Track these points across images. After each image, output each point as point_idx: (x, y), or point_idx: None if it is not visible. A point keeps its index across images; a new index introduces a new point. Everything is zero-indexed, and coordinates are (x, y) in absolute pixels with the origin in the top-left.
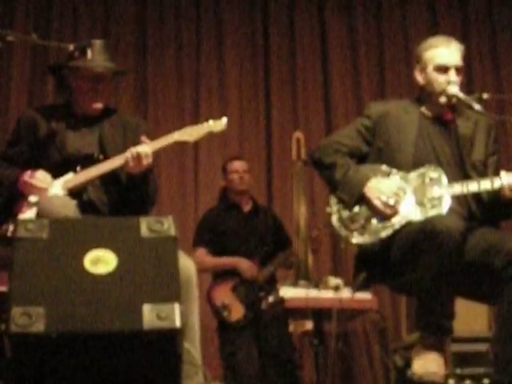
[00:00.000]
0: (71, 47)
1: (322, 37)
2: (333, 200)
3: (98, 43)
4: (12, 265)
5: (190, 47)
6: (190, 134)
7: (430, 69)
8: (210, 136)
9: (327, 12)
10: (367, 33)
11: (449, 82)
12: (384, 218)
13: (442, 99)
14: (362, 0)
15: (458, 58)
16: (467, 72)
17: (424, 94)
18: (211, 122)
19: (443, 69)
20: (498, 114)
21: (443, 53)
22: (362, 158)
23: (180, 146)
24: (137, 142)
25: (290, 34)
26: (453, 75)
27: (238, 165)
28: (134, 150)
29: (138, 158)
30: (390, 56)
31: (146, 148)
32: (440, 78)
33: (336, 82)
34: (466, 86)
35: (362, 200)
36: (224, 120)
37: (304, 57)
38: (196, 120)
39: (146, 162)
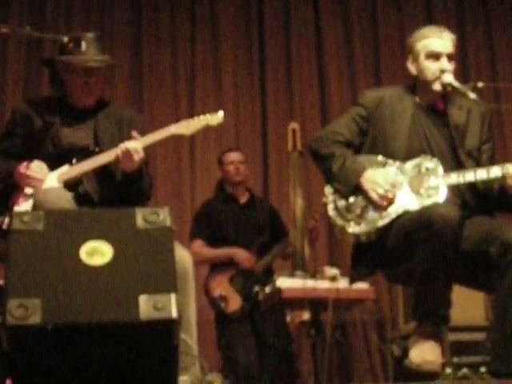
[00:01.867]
0: (65, 39)
1: (317, 27)
2: (328, 190)
3: (89, 36)
4: (8, 257)
5: (185, 39)
6: (186, 127)
7: (422, 57)
8: (206, 128)
9: (322, 4)
10: (362, 23)
11: (442, 70)
12: (380, 208)
13: (436, 86)
14: None
15: (449, 46)
16: (462, 61)
17: (417, 84)
18: (208, 115)
19: (435, 56)
20: (493, 102)
21: (435, 41)
22: (358, 147)
23: (176, 138)
24: (131, 136)
25: (285, 25)
26: (445, 62)
27: (233, 156)
28: (123, 146)
29: (128, 154)
30: (384, 45)
31: (135, 143)
32: (433, 66)
33: (331, 72)
34: (461, 76)
35: (358, 190)
36: (220, 113)
37: (299, 47)
38: (191, 112)
39: (138, 157)
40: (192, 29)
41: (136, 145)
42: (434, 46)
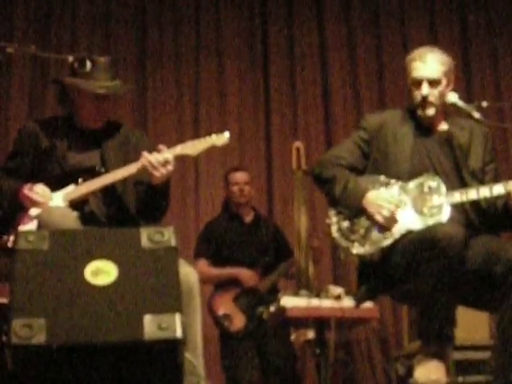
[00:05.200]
0: (70, 59)
1: (321, 47)
2: (332, 211)
3: (101, 60)
4: (13, 276)
5: (189, 59)
6: (192, 147)
7: (409, 82)
8: (211, 148)
9: (326, 23)
10: (366, 43)
11: (423, 97)
12: (384, 229)
13: (419, 112)
14: (360, 10)
15: (431, 70)
16: (466, 80)
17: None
18: (213, 135)
19: (416, 83)
20: (498, 122)
21: (416, 66)
22: (361, 171)
23: (181, 158)
24: (138, 157)
25: (289, 45)
26: (425, 88)
27: (238, 176)
28: (159, 156)
29: (166, 164)
30: (389, 65)
31: (167, 154)
32: (415, 92)
33: (335, 91)
34: (466, 95)
35: (362, 212)
36: (226, 134)
37: (303, 66)
38: (196, 133)
39: (172, 168)
40: (196, 49)
41: (167, 155)
42: (415, 72)
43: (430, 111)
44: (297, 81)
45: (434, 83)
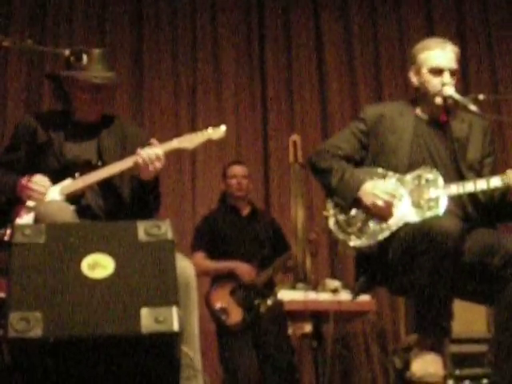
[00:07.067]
0: (67, 52)
1: (317, 40)
2: (329, 204)
3: (96, 52)
4: (9, 270)
5: (185, 53)
6: (189, 141)
7: (424, 70)
8: (208, 142)
9: (323, 16)
10: (363, 36)
11: (443, 84)
12: (380, 221)
13: (438, 100)
14: (357, 5)
15: (452, 60)
16: (463, 73)
17: (419, 95)
18: (210, 129)
19: (437, 71)
20: (494, 114)
21: (438, 55)
22: (359, 162)
23: (178, 152)
24: (135, 150)
25: (285, 38)
26: (447, 77)
27: (236, 170)
28: (145, 153)
29: (156, 160)
30: (385, 58)
31: (157, 150)
32: (434, 80)
33: (332, 84)
34: (462, 88)
35: (358, 204)
36: (223, 128)
37: (300, 60)
38: (192, 126)
39: (161, 164)
40: (193, 43)
41: (158, 151)
42: (437, 61)
43: (449, 100)
44: (293, 74)
45: (453, 73)
